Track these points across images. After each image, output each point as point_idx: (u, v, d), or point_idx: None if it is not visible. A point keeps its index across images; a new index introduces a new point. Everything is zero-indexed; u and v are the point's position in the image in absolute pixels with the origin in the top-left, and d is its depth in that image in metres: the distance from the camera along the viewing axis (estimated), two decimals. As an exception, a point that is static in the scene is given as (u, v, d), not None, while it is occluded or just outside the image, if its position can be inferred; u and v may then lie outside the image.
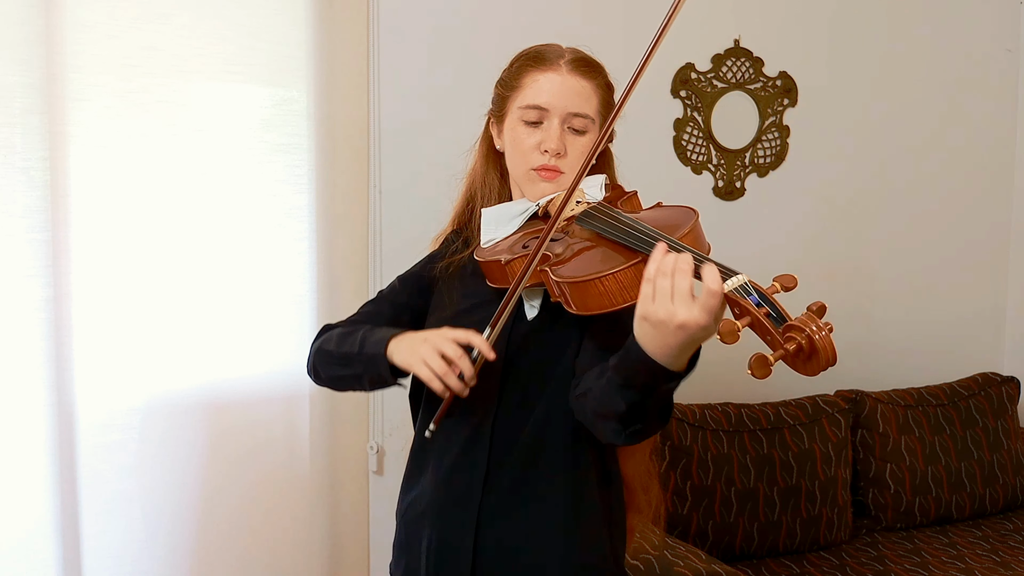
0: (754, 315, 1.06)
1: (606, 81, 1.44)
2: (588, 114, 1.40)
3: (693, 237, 1.24)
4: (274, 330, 2.39)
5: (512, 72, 1.44)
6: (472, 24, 2.60)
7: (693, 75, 2.89)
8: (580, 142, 1.40)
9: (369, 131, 2.52)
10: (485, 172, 1.52)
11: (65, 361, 2.16)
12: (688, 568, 2.13)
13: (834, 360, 1.02)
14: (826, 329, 1.02)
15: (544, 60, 1.41)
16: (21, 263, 2.10)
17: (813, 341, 1.01)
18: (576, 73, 1.40)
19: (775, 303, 1.06)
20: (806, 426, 2.71)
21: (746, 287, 1.08)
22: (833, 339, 1.02)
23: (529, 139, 1.40)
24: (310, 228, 2.42)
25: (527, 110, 1.40)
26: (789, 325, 1.04)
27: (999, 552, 2.68)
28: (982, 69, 3.33)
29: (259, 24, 2.31)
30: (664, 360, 1.12)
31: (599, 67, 1.44)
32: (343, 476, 2.53)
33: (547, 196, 1.41)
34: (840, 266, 3.17)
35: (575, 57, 1.42)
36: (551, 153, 1.39)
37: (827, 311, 1.05)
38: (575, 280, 1.22)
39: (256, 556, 2.41)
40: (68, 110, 2.13)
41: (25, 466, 2.14)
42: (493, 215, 1.45)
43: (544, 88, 1.39)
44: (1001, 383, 3.11)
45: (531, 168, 1.41)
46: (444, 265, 1.50)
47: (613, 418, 1.21)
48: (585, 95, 1.40)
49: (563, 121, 1.39)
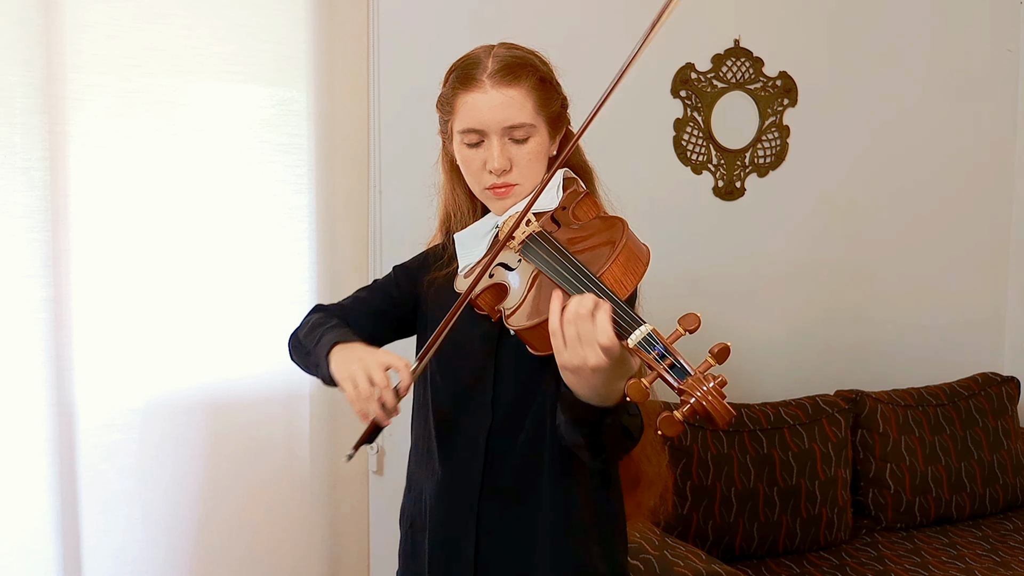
0: (657, 370, 1.08)
1: (537, 77, 1.37)
2: (524, 122, 1.36)
3: (625, 255, 1.23)
4: (274, 330, 2.37)
5: (445, 95, 1.41)
6: (472, 24, 2.60)
7: (693, 75, 2.89)
8: (525, 150, 1.37)
9: (369, 131, 2.52)
10: (452, 191, 1.50)
11: (65, 361, 2.16)
12: (688, 568, 2.13)
13: (729, 417, 1.05)
14: (714, 391, 1.04)
15: (468, 80, 1.36)
16: (21, 263, 2.10)
17: (704, 405, 1.04)
18: (500, 85, 1.34)
19: (676, 355, 1.08)
20: (806, 426, 2.71)
21: (650, 339, 1.10)
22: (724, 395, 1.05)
23: (475, 160, 1.38)
24: (310, 228, 2.42)
25: (465, 134, 1.38)
26: (680, 389, 1.06)
27: (999, 552, 2.68)
28: (982, 69, 3.33)
29: (259, 24, 2.31)
30: (596, 400, 1.18)
31: (525, 65, 1.37)
32: (343, 476, 2.53)
33: (508, 212, 1.40)
34: (840, 266, 3.17)
35: (496, 68, 1.35)
36: (496, 172, 1.37)
37: (729, 353, 1.06)
38: (524, 327, 1.24)
39: (256, 556, 2.41)
40: (68, 110, 2.13)
41: (25, 466, 2.14)
42: (464, 239, 1.44)
43: (474, 109, 1.36)
44: (1001, 383, 3.11)
45: (484, 188, 1.40)
46: (429, 280, 1.50)
47: (580, 449, 1.29)
48: (516, 104, 1.35)
49: (502, 135, 1.36)
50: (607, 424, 1.21)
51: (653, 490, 1.57)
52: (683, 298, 2.85)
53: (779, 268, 3.07)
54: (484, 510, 1.40)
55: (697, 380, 1.05)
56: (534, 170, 1.39)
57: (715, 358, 1.06)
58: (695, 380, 1.05)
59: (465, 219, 1.48)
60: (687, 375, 1.07)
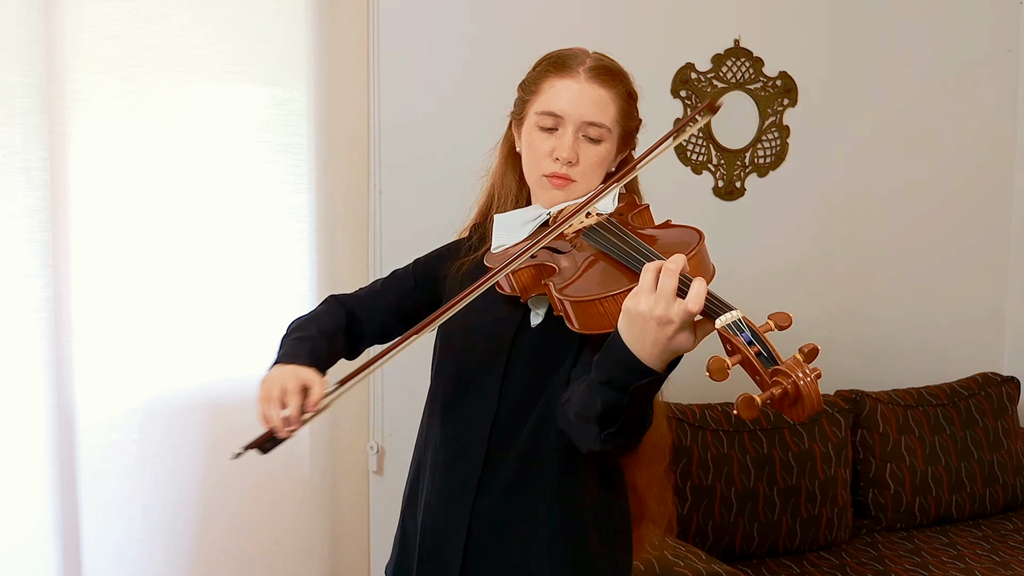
0: (744, 354, 1.06)
1: (627, 90, 1.43)
2: (604, 123, 1.39)
3: (697, 260, 1.23)
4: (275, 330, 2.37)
5: (533, 76, 1.44)
6: (472, 24, 2.60)
7: (693, 75, 2.89)
8: (594, 151, 1.40)
9: (369, 131, 2.52)
10: (503, 174, 1.51)
11: (65, 361, 2.16)
12: (688, 568, 2.13)
13: (819, 407, 1.03)
14: (813, 375, 1.02)
15: (564, 66, 1.39)
16: (21, 263, 2.10)
17: (799, 387, 1.02)
18: (595, 81, 1.38)
19: (767, 343, 1.06)
20: (806, 426, 2.71)
21: (739, 324, 1.08)
22: (819, 386, 1.02)
23: (543, 145, 1.40)
24: (310, 228, 2.42)
25: (543, 116, 1.39)
26: (777, 369, 1.04)
27: (999, 552, 2.68)
28: (982, 69, 3.33)
29: (259, 24, 2.31)
30: (642, 355, 1.12)
31: (621, 75, 1.42)
32: (343, 476, 2.54)
33: (559, 205, 1.41)
34: (840, 266, 3.17)
35: (595, 64, 1.40)
36: (562, 161, 1.38)
37: (818, 354, 1.04)
38: (577, 299, 1.22)
39: (256, 556, 2.41)
40: (68, 110, 2.13)
41: (25, 466, 2.14)
42: (505, 221, 1.44)
43: (561, 95, 1.38)
44: (1001, 383, 3.11)
45: (543, 174, 1.41)
46: (457, 265, 1.50)
47: (590, 420, 1.21)
48: (602, 104, 1.38)
49: (578, 129, 1.38)
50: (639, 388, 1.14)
51: (656, 525, 1.56)
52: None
53: (779, 268, 3.07)
54: (479, 500, 1.39)
55: (796, 362, 1.03)
56: (594, 174, 1.41)
57: (805, 357, 1.04)
58: (794, 362, 1.03)
59: (508, 205, 1.49)
60: (776, 364, 1.05)
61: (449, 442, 1.43)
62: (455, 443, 1.42)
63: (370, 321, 1.54)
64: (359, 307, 1.55)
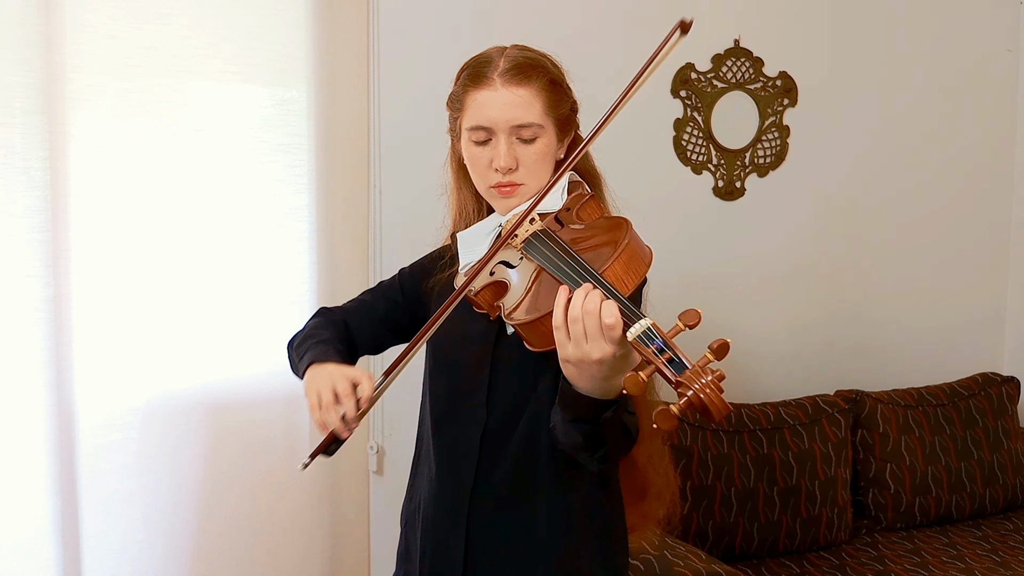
0: (655, 364, 1.08)
1: (548, 79, 1.39)
2: (532, 122, 1.37)
3: (628, 255, 1.23)
4: (274, 330, 2.38)
5: (456, 93, 1.43)
6: (473, 24, 2.60)
7: (693, 75, 2.89)
8: (532, 150, 1.38)
9: (369, 131, 2.52)
10: (459, 190, 1.51)
11: (65, 361, 2.16)
12: (688, 568, 2.13)
13: (726, 412, 1.04)
14: (712, 384, 1.04)
15: (479, 76, 1.38)
16: (21, 263, 2.10)
17: (700, 398, 1.04)
18: (511, 83, 1.36)
19: (675, 349, 1.08)
20: (806, 426, 2.71)
21: (649, 333, 1.10)
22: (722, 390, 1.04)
23: (482, 158, 1.39)
24: (310, 228, 2.42)
25: (473, 131, 1.38)
26: (679, 381, 1.06)
27: (999, 552, 2.68)
28: (982, 69, 3.33)
29: (259, 24, 2.31)
30: (596, 393, 1.18)
31: (536, 66, 1.38)
32: (343, 476, 2.53)
33: (513, 209, 1.40)
34: (840, 266, 3.17)
35: (508, 67, 1.36)
36: (502, 170, 1.37)
37: (728, 349, 1.06)
38: (522, 322, 1.25)
39: (256, 556, 2.41)
40: (68, 110, 2.13)
41: (25, 466, 2.14)
42: (466, 239, 1.44)
43: (483, 107, 1.37)
44: (1001, 383, 3.11)
45: (489, 186, 1.40)
46: (432, 282, 1.51)
47: (578, 450, 1.27)
48: (525, 104, 1.36)
49: (510, 134, 1.37)
50: (607, 419, 1.20)
51: (661, 500, 1.56)
52: (683, 298, 2.84)
53: (779, 268, 3.07)
54: (475, 510, 1.40)
55: (695, 373, 1.04)
56: (540, 171, 1.39)
57: (714, 354, 1.06)
58: (693, 373, 1.04)
59: (471, 219, 1.49)
60: (685, 369, 1.06)
61: (442, 453, 1.44)
62: (448, 453, 1.43)
63: (361, 333, 1.55)
64: (351, 319, 1.55)
